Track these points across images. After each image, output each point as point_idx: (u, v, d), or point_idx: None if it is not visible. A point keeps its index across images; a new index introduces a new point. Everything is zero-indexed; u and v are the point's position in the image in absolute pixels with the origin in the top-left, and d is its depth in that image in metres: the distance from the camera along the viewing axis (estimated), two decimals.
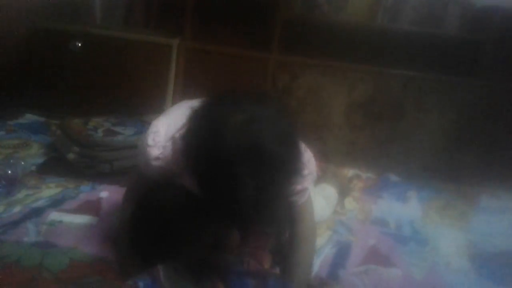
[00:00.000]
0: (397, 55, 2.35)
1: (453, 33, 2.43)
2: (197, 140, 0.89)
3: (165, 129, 1.09)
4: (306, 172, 1.11)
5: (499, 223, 1.73)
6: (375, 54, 2.38)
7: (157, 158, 1.07)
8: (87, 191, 1.63)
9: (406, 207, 1.80)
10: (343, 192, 1.82)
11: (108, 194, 1.62)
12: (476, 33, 2.38)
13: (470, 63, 2.37)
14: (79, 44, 2.33)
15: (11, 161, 1.71)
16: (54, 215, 1.43)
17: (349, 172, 2.08)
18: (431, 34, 2.41)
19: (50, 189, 1.62)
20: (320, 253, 1.38)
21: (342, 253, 1.40)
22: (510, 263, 1.46)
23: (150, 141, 1.08)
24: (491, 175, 2.06)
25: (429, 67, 2.32)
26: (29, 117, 2.35)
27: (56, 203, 1.52)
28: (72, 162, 1.76)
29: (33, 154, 1.91)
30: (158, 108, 2.29)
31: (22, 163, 1.71)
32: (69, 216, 1.44)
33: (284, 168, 0.88)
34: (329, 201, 1.63)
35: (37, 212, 1.44)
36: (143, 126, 1.97)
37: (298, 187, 1.11)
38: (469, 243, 1.56)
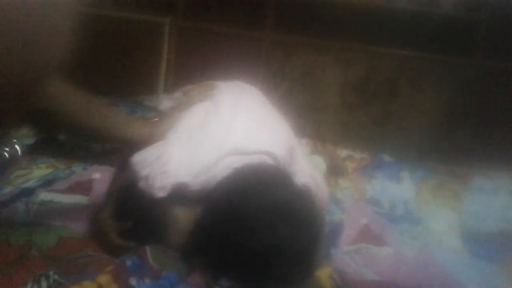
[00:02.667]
0: (393, 34, 2.33)
1: (449, 12, 2.41)
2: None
3: (176, 170, 1.05)
4: None
5: (491, 204, 1.73)
6: (370, 33, 2.36)
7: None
8: (78, 172, 1.62)
9: (399, 187, 1.80)
10: (337, 172, 1.82)
11: (100, 174, 1.60)
12: (472, 12, 2.36)
13: (466, 42, 2.35)
14: None
15: (14, 140, 1.69)
16: (44, 195, 1.42)
17: (342, 152, 2.07)
18: (427, 12, 2.38)
19: (41, 170, 1.60)
20: None
21: (334, 232, 1.40)
22: (502, 243, 1.46)
23: (158, 183, 1.03)
24: (484, 155, 2.06)
25: (424, 46, 2.30)
26: None
27: (47, 184, 1.50)
28: (63, 142, 1.75)
29: (24, 135, 1.89)
30: (151, 88, 2.27)
31: (15, 140, 1.69)
32: (60, 196, 1.43)
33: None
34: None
35: (27, 193, 1.42)
36: (135, 107, 1.96)
37: None
38: (462, 223, 1.57)
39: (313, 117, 2.34)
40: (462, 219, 1.59)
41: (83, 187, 1.50)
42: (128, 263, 0.99)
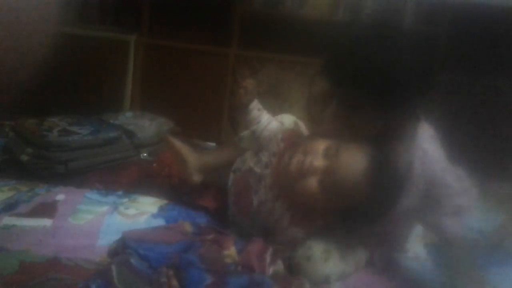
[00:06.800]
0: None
1: (410, 26, 2.48)
2: None
3: None
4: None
5: None
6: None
7: None
8: (42, 194, 1.58)
9: None
10: None
11: (65, 196, 1.57)
12: (431, 26, 2.44)
13: (427, 55, 2.42)
14: None
15: None
16: (6, 220, 1.37)
17: None
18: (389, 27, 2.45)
19: (2, 193, 1.56)
20: None
21: None
22: (465, 251, 1.49)
23: None
24: None
25: None
26: None
27: (9, 207, 1.46)
28: (25, 164, 1.71)
29: None
30: (116, 106, 2.25)
31: None
32: (23, 220, 1.39)
33: None
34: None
35: None
36: (100, 125, 1.93)
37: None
38: (425, 231, 1.59)
39: None
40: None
41: (47, 209, 1.46)
42: (93, 287, 0.97)
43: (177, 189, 1.63)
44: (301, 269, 1.18)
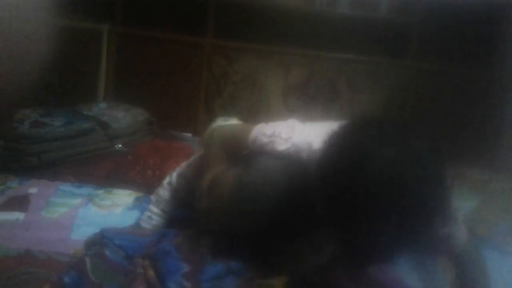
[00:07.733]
0: (331, 38, 2.39)
1: (384, 16, 2.50)
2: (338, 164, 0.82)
3: (300, 132, 1.05)
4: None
5: None
6: (312, 38, 2.41)
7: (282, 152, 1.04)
8: (14, 187, 1.56)
9: None
10: None
11: (37, 189, 1.55)
12: (405, 16, 2.46)
13: (399, 44, 2.45)
14: None
15: None
16: None
17: None
18: (363, 17, 2.46)
19: None
20: None
21: None
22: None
23: (284, 134, 1.04)
24: None
25: (361, 49, 2.38)
26: None
27: None
28: None
29: None
30: (90, 97, 2.21)
31: None
32: None
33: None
34: None
35: None
36: (73, 116, 1.90)
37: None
38: None
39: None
40: None
41: (19, 202, 1.44)
42: (66, 279, 0.96)
43: (152, 181, 1.62)
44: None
